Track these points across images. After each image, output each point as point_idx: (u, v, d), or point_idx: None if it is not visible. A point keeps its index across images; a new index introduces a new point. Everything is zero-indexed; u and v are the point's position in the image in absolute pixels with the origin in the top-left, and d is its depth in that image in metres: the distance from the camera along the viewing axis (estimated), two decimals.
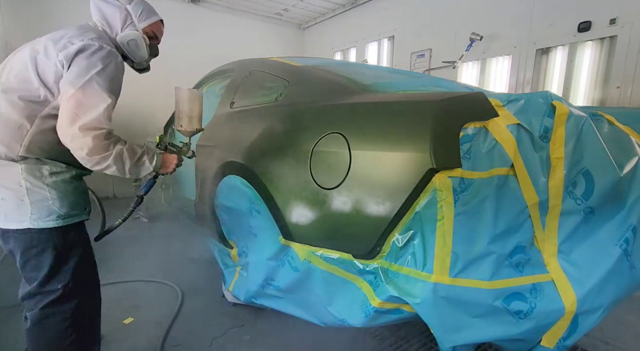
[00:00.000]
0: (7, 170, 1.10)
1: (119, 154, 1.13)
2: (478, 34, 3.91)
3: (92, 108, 1.07)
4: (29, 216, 1.11)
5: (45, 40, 1.15)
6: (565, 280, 1.08)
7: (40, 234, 1.14)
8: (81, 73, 1.08)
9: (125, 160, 1.15)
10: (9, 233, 1.14)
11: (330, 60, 2.44)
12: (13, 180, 1.10)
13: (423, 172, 0.99)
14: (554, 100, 1.11)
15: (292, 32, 6.77)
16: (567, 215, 1.12)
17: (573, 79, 3.46)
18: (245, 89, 2.07)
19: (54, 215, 1.15)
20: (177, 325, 1.86)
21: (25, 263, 1.16)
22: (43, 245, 1.14)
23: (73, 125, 1.05)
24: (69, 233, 1.20)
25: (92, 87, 1.08)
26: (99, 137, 1.07)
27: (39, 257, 1.15)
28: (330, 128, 1.25)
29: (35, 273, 1.16)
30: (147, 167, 1.23)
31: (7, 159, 1.09)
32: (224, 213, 1.88)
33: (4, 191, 1.10)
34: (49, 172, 1.15)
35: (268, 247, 1.46)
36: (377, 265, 1.11)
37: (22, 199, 1.10)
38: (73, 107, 1.05)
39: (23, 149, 1.10)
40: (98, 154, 1.08)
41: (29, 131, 1.10)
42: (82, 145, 1.05)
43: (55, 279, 1.18)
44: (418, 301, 1.01)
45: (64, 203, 1.16)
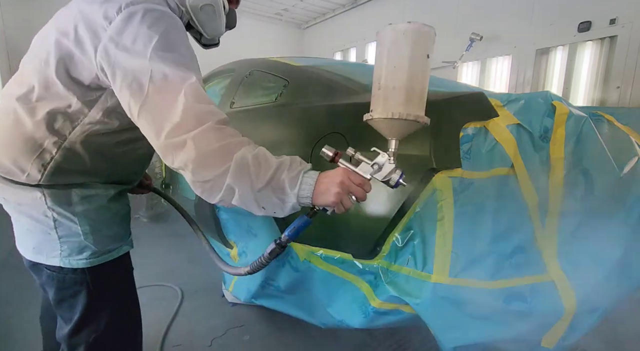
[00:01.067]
0: (28, 195, 0.86)
1: (244, 165, 0.71)
2: (478, 34, 3.91)
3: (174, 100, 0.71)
4: (59, 252, 0.90)
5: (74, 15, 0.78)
6: (565, 280, 1.07)
7: (72, 274, 0.92)
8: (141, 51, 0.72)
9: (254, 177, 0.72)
10: (38, 267, 0.95)
11: (330, 60, 2.44)
12: (37, 208, 0.87)
13: (423, 172, 0.99)
14: (554, 100, 1.11)
15: (292, 32, 6.78)
16: (567, 215, 1.12)
17: (573, 79, 3.46)
18: (245, 89, 2.07)
19: (88, 252, 0.91)
20: (177, 325, 1.86)
21: (60, 302, 0.96)
22: (76, 288, 0.93)
23: (160, 136, 0.71)
24: (106, 272, 0.96)
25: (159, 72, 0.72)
26: (208, 134, 0.70)
27: (72, 298, 0.94)
28: (330, 128, 1.25)
29: (70, 314, 0.95)
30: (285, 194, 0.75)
31: (28, 184, 0.85)
32: (224, 213, 1.88)
33: (29, 221, 0.89)
34: (80, 197, 0.89)
35: (268, 247, 1.46)
36: (377, 265, 1.11)
37: (49, 233, 0.88)
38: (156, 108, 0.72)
39: (45, 178, 0.84)
40: (212, 169, 0.70)
41: (54, 158, 0.83)
42: (184, 161, 0.70)
43: (86, 328, 0.96)
44: (418, 302, 1.01)
45: (98, 237, 0.92)
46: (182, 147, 0.70)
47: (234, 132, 0.75)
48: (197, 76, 0.74)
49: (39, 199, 0.85)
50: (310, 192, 0.75)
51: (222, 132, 0.72)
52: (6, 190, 0.87)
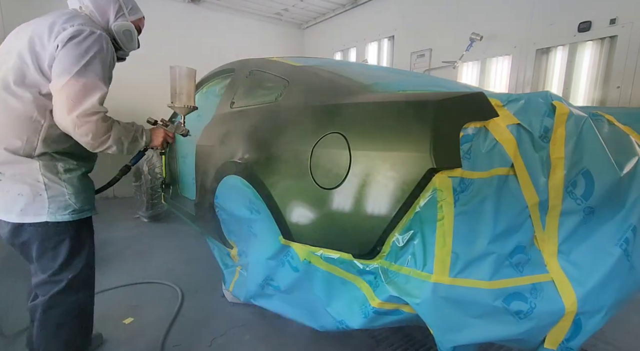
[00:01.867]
0: (25, 166, 1.15)
1: (118, 134, 1.21)
2: (478, 34, 3.91)
3: (89, 96, 1.11)
4: (47, 210, 1.18)
5: (38, 29, 1.15)
6: (565, 280, 1.08)
7: (56, 227, 1.21)
8: (74, 60, 1.10)
9: (123, 139, 1.23)
10: (23, 227, 1.19)
11: (330, 60, 2.44)
12: (31, 176, 1.15)
13: (423, 172, 0.99)
14: (554, 100, 1.11)
15: (292, 32, 6.77)
16: (567, 215, 1.12)
17: (573, 79, 3.46)
18: (245, 89, 2.07)
19: (70, 209, 1.22)
20: (177, 325, 1.86)
21: (43, 253, 1.22)
22: (60, 237, 1.22)
23: (71, 113, 1.09)
24: (82, 227, 1.29)
25: (86, 74, 1.11)
26: (99, 121, 1.14)
27: (56, 248, 1.22)
28: (330, 128, 1.25)
29: (52, 262, 1.23)
30: (139, 143, 1.32)
31: (25, 155, 1.14)
32: (224, 213, 1.88)
33: (22, 187, 1.15)
34: (64, 168, 1.22)
35: (268, 246, 1.46)
36: (377, 265, 1.11)
37: (40, 194, 1.17)
38: (70, 95, 1.08)
39: (41, 143, 1.15)
40: (100, 136, 1.15)
41: (43, 125, 1.15)
42: (86, 130, 1.12)
43: (66, 270, 1.25)
44: (418, 302, 1.01)
45: (79, 198, 1.25)
46: (85, 124, 1.11)
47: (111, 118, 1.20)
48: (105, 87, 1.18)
49: (35, 168, 1.15)
50: (149, 139, 1.36)
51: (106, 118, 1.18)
52: (7, 164, 1.13)
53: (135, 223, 3.83)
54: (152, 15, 4.90)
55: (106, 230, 3.50)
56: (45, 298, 1.24)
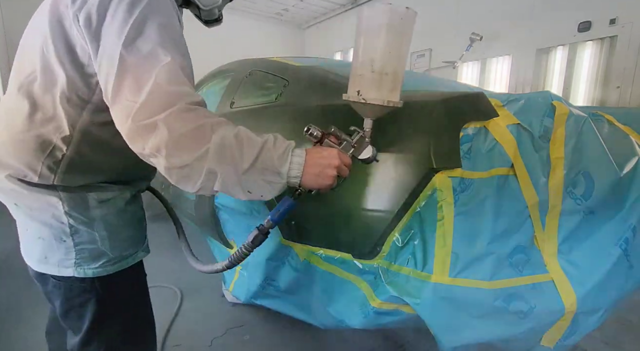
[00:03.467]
0: (43, 199, 0.79)
1: (225, 147, 0.67)
2: (478, 34, 3.91)
3: (144, 78, 0.64)
4: (73, 261, 0.83)
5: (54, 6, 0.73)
6: (565, 280, 1.08)
7: (80, 283, 0.85)
8: (118, 31, 0.65)
9: (237, 159, 0.68)
10: (45, 277, 0.88)
11: (330, 60, 2.44)
12: (52, 214, 0.80)
13: (423, 172, 0.99)
14: (554, 100, 1.11)
15: (292, 32, 6.78)
16: (567, 215, 1.12)
17: (573, 79, 3.47)
18: (245, 89, 2.07)
19: (104, 259, 0.85)
20: (177, 325, 1.86)
21: (68, 312, 0.89)
22: (85, 296, 0.87)
23: (127, 120, 0.64)
24: (116, 280, 0.89)
25: (138, 45, 0.66)
26: (181, 115, 0.64)
27: (81, 308, 0.88)
28: (331, 128, 1.25)
29: (79, 323, 0.89)
30: (276, 177, 0.73)
31: (42, 186, 0.79)
32: (224, 213, 1.88)
33: (41, 228, 0.82)
34: (97, 201, 0.83)
35: (268, 246, 1.46)
36: (377, 265, 1.11)
37: (64, 240, 0.82)
38: (123, 89, 0.65)
39: (59, 178, 0.78)
40: (188, 152, 0.64)
41: (65, 155, 0.77)
42: (157, 143, 0.63)
43: (98, 338, 0.89)
44: (418, 302, 1.01)
45: (116, 243, 0.87)
46: (152, 130, 0.63)
47: (210, 113, 0.69)
48: (175, 57, 0.68)
49: (56, 204, 0.79)
50: (300, 171, 0.73)
51: (196, 112, 0.66)
52: (20, 193, 0.80)
53: None
54: None
55: None
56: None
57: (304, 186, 0.75)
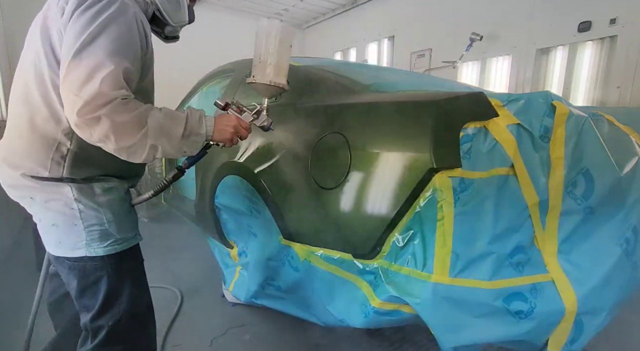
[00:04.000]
0: (56, 190, 0.94)
1: (159, 128, 0.84)
2: (478, 34, 3.91)
3: (90, 80, 0.77)
4: (84, 242, 0.97)
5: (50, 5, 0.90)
6: (566, 280, 1.08)
7: (92, 262, 0.99)
8: (77, 34, 0.80)
9: (170, 134, 0.87)
10: (61, 260, 1.01)
11: (330, 60, 2.44)
12: (64, 202, 0.94)
13: (423, 172, 0.99)
14: (554, 100, 1.11)
15: None
16: (567, 215, 1.12)
17: (573, 79, 3.47)
18: (245, 89, 2.07)
19: (111, 239, 1.00)
20: (177, 325, 1.86)
21: (83, 291, 1.01)
22: (97, 274, 1.00)
23: (74, 111, 0.77)
24: (123, 259, 1.04)
25: (89, 50, 0.79)
26: (114, 111, 0.78)
27: (94, 286, 1.01)
28: (330, 128, 1.25)
29: (93, 301, 1.01)
30: (198, 137, 0.93)
31: (53, 179, 0.93)
32: (224, 213, 1.88)
33: (55, 216, 0.96)
34: (101, 189, 0.98)
35: (268, 246, 1.46)
36: (377, 265, 1.11)
37: (75, 224, 0.96)
38: (71, 85, 0.78)
39: (67, 171, 0.93)
40: (128, 136, 0.80)
41: (70, 149, 0.92)
42: (100, 133, 0.79)
43: (106, 314, 1.02)
44: (418, 302, 1.01)
45: (120, 225, 1.02)
46: (97, 122, 0.78)
47: (140, 103, 0.85)
48: (120, 64, 0.81)
49: (67, 193, 0.94)
50: (211, 130, 0.96)
51: (130, 103, 0.82)
52: (34, 189, 0.94)
53: None
54: None
55: None
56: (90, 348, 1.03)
57: (213, 140, 0.99)
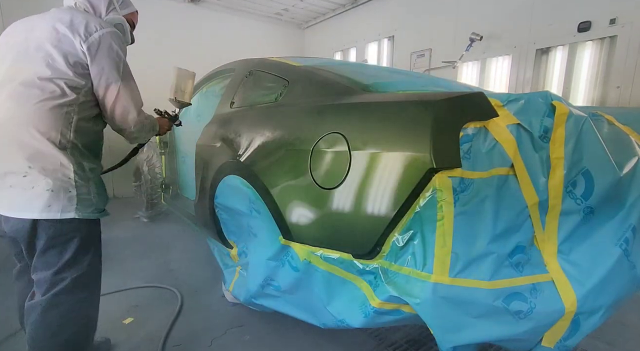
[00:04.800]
0: (57, 160, 1.15)
1: (150, 126, 1.44)
2: (478, 34, 3.91)
3: (138, 97, 1.33)
4: (75, 207, 1.19)
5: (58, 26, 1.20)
6: (565, 280, 1.08)
7: (70, 224, 1.20)
8: (114, 66, 1.24)
9: (150, 129, 1.46)
10: (38, 222, 1.16)
11: (330, 60, 2.44)
12: (62, 172, 1.16)
13: (423, 172, 0.99)
14: (554, 100, 1.11)
15: (292, 32, 6.77)
16: (567, 215, 1.12)
17: (573, 79, 3.46)
18: (245, 89, 2.07)
19: (93, 207, 1.26)
20: (177, 325, 1.86)
21: (49, 248, 1.19)
22: (72, 234, 1.21)
23: (133, 115, 1.31)
24: (95, 227, 1.31)
25: (127, 77, 1.29)
26: (147, 117, 1.40)
27: (65, 244, 1.21)
28: (330, 128, 1.25)
29: (56, 258, 1.20)
30: (155, 131, 1.52)
31: (60, 148, 1.16)
32: (224, 213, 1.88)
33: (51, 182, 1.15)
34: (89, 167, 1.25)
35: (268, 246, 1.46)
36: (377, 265, 1.11)
37: (70, 191, 1.18)
38: (127, 101, 1.28)
39: (73, 135, 1.19)
40: (146, 130, 1.42)
41: (74, 117, 1.20)
42: (141, 128, 1.37)
43: (71, 268, 1.22)
44: (418, 302, 1.01)
45: (101, 198, 1.30)
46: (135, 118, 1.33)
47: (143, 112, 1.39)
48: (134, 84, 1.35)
49: (67, 165, 1.16)
50: (157, 127, 1.55)
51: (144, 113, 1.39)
52: (40, 154, 1.13)
53: (135, 223, 3.83)
54: (152, 15, 4.92)
55: (106, 230, 3.49)
56: (46, 297, 1.20)
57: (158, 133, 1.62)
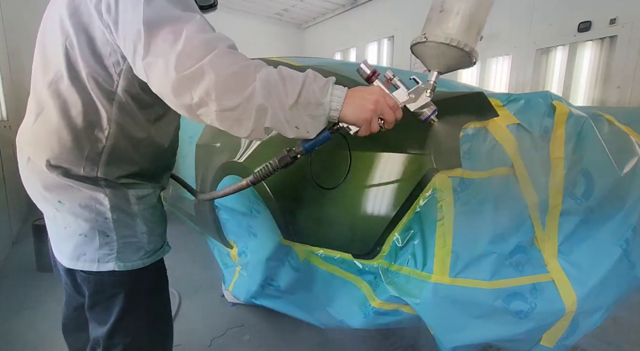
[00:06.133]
0: (87, 195, 0.82)
1: (269, 82, 0.67)
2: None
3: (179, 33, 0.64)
4: (115, 255, 0.86)
5: None
6: (566, 280, 1.08)
7: (111, 277, 0.88)
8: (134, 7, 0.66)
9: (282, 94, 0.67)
10: (75, 271, 0.90)
11: (330, 60, 2.44)
12: (97, 210, 0.83)
13: (423, 172, 0.99)
14: (554, 100, 1.11)
15: (292, 32, 6.77)
16: (567, 215, 1.12)
17: (573, 79, 3.46)
18: None
19: (142, 252, 0.90)
20: (177, 325, 1.85)
21: (94, 305, 0.93)
22: (114, 290, 0.90)
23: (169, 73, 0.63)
24: (147, 274, 0.94)
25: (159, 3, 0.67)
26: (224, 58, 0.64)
27: (109, 302, 0.91)
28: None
29: (106, 317, 0.92)
30: (320, 111, 0.71)
31: (87, 178, 0.81)
32: (224, 213, 1.88)
33: (85, 225, 0.84)
34: (136, 197, 0.88)
35: (268, 246, 1.46)
36: (377, 265, 1.11)
37: (107, 234, 0.85)
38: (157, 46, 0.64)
39: (101, 169, 0.82)
40: (238, 92, 0.64)
41: (105, 145, 0.81)
42: (207, 88, 0.63)
43: (119, 333, 0.92)
44: (418, 302, 1.01)
45: (152, 237, 0.93)
46: (200, 76, 0.62)
47: (246, 57, 0.69)
48: (196, 15, 0.69)
49: (102, 200, 0.83)
50: (340, 104, 0.71)
51: (236, 54, 0.67)
52: (66, 189, 0.82)
53: None
54: None
55: None
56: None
57: (342, 119, 0.73)
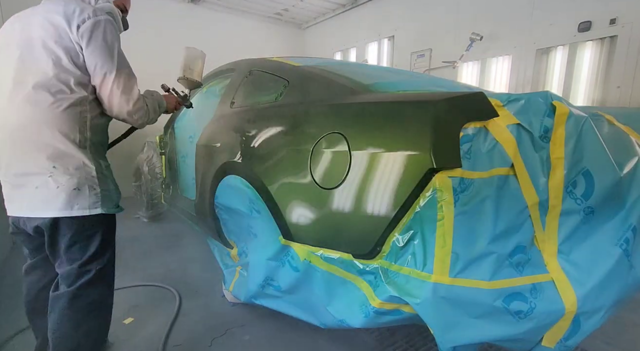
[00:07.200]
0: (79, 159, 1.19)
1: (151, 106, 1.40)
2: (478, 34, 3.91)
3: (134, 84, 1.29)
4: (100, 203, 1.24)
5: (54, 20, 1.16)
6: (566, 280, 1.08)
7: (95, 218, 1.24)
8: (108, 53, 1.20)
9: (156, 108, 1.44)
10: (62, 220, 1.19)
11: (330, 60, 2.44)
12: (85, 170, 1.21)
13: (423, 172, 0.99)
14: (554, 100, 1.11)
15: (292, 32, 6.77)
16: (567, 215, 1.12)
17: (573, 79, 3.46)
18: (245, 89, 2.07)
19: (113, 203, 1.32)
20: (177, 325, 1.86)
21: (73, 244, 1.23)
22: (95, 229, 1.26)
23: (129, 104, 1.26)
24: (113, 221, 1.36)
25: (123, 64, 1.25)
26: (144, 101, 1.34)
27: (89, 239, 1.26)
28: (330, 128, 1.25)
29: (82, 252, 1.25)
30: (162, 108, 1.51)
31: (80, 147, 1.20)
32: (224, 213, 1.88)
33: (78, 182, 1.19)
34: (104, 165, 1.30)
35: (268, 246, 1.46)
36: (377, 265, 1.11)
37: (94, 188, 1.23)
38: (122, 89, 1.23)
39: (90, 133, 1.22)
40: (147, 114, 1.37)
41: (88, 116, 1.22)
42: (141, 114, 1.34)
43: (95, 261, 1.28)
44: (418, 302, 1.01)
45: (117, 193, 1.35)
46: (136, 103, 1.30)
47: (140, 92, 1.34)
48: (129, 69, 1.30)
49: (90, 164, 1.21)
50: (164, 104, 1.54)
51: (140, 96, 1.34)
52: (66, 155, 1.17)
53: (135, 223, 3.83)
54: (152, 15, 4.92)
55: None
56: (72, 289, 1.23)
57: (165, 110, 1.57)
